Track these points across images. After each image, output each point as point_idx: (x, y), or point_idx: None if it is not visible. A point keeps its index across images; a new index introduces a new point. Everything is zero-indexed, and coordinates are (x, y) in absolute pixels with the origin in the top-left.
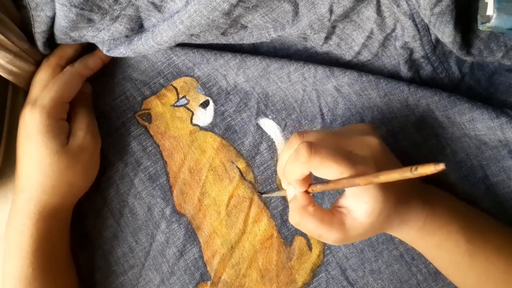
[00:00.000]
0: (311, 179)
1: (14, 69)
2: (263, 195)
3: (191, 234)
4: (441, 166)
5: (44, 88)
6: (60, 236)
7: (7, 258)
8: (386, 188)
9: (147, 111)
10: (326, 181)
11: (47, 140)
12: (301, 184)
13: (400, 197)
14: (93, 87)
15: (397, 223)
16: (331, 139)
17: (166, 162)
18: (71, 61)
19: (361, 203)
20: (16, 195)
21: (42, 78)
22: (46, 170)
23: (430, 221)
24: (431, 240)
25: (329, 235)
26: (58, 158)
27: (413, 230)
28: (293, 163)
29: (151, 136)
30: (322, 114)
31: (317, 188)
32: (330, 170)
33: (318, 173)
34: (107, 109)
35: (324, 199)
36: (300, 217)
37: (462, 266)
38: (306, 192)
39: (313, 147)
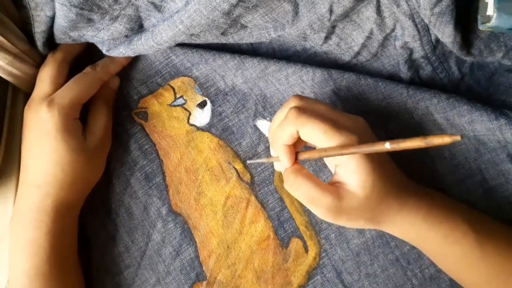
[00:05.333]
0: (297, 148)
1: (14, 70)
2: (249, 161)
3: (187, 233)
4: (458, 137)
5: (63, 87)
6: (72, 233)
7: (17, 255)
8: (373, 160)
9: (143, 110)
10: (313, 149)
11: (68, 138)
12: (288, 151)
13: (394, 180)
14: None
15: (396, 207)
16: (321, 105)
17: (162, 161)
18: (77, 57)
19: (351, 173)
20: (27, 191)
21: (49, 73)
22: (64, 168)
23: (435, 210)
24: (439, 231)
25: (322, 199)
26: (77, 156)
27: (418, 218)
28: (283, 122)
29: (147, 134)
30: None
31: (304, 155)
32: (315, 128)
33: (305, 133)
34: None
35: None
36: (295, 177)
37: (472, 257)
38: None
39: (302, 108)
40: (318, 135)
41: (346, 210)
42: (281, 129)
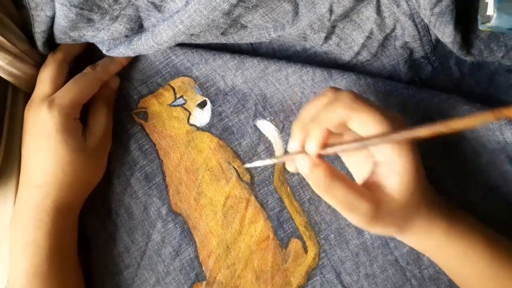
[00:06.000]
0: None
1: (14, 70)
2: (245, 165)
3: (187, 233)
4: None
5: (63, 88)
6: (72, 234)
7: (17, 254)
8: (417, 162)
9: (143, 110)
10: (351, 140)
11: (68, 139)
12: (323, 138)
13: (426, 188)
14: None
15: (424, 215)
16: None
17: (162, 161)
18: (77, 57)
19: (394, 175)
20: (27, 191)
21: (49, 74)
22: (65, 168)
23: (456, 223)
24: (459, 246)
25: (359, 205)
26: (78, 156)
27: (440, 229)
28: (335, 103)
29: (147, 134)
30: None
31: (331, 150)
32: (371, 116)
33: (358, 121)
34: None
35: None
36: (329, 181)
37: (490, 274)
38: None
39: (357, 94)
40: (374, 125)
41: (383, 217)
42: (331, 110)
